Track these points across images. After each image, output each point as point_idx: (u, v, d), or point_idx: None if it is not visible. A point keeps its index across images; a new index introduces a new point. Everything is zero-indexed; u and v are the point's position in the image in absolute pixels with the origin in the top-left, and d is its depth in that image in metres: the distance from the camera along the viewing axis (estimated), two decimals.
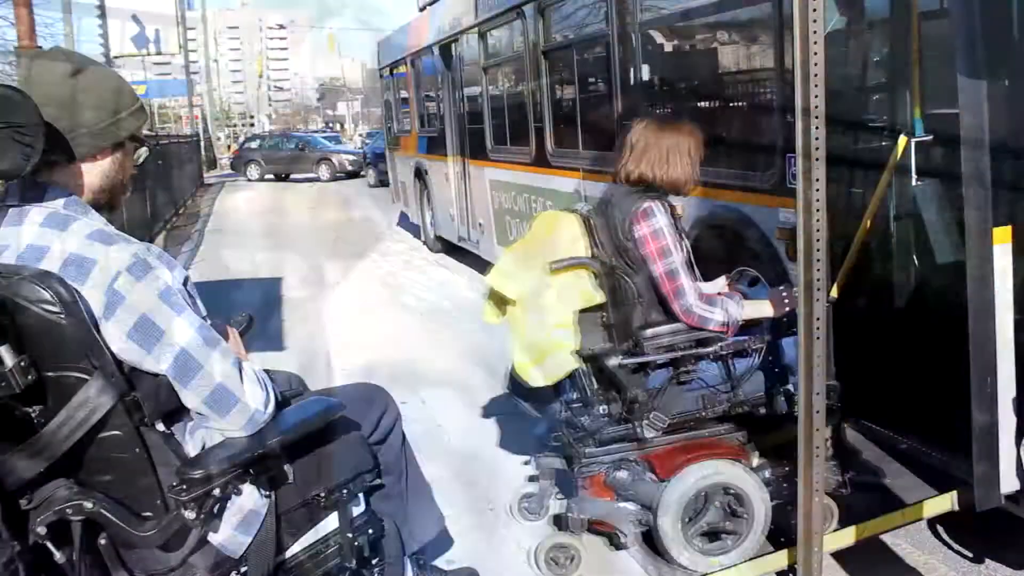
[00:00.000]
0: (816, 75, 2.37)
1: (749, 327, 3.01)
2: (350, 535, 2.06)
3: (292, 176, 28.11)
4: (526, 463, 3.74)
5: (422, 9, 10.52)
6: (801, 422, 2.57)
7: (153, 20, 27.02)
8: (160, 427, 1.80)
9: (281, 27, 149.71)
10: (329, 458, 2.02)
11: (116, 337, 1.72)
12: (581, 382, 2.96)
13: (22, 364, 1.59)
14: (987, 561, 3.11)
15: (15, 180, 1.73)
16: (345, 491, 2.05)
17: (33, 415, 1.68)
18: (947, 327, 3.05)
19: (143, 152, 1.91)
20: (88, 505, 1.70)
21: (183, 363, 1.74)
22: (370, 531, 2.12)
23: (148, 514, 1.75)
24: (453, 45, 9.09)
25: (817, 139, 2.40)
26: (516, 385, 3.08)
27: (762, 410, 3.01)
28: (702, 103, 5.16)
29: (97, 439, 1.70)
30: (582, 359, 2.92)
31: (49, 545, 1.67)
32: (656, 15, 5.18)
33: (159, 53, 28.89)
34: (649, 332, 2.91)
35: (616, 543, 3.17)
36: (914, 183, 3.70)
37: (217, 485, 1.74)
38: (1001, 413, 2.64)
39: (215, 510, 1.79)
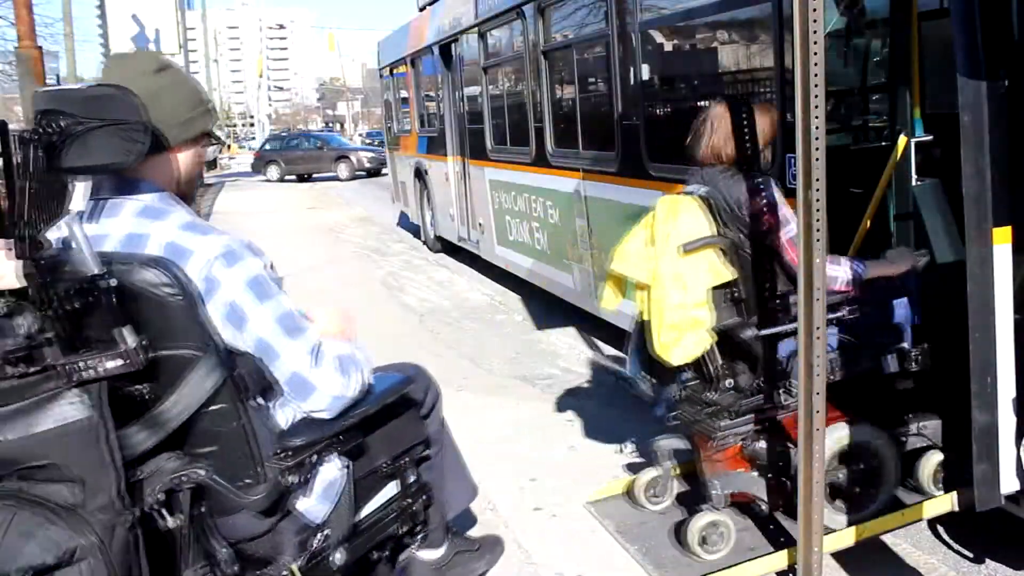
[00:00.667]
0: (816, 75, 2.37)
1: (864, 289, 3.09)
2: (408, 501, 2.22)
3: (315, 176, 27.93)
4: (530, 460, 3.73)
5: (422, 9, 10.52)
6: (801, 422, 2.57)
7: (153, 20, 27.04)
8: (259, 401, 1.91)
9: (281, 27, 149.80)
10: (392, 430, 2.17)
11: (214, 319, 1.85)
12: (706, 358, 3.00)
13: (143, 343, 1.69)
14: (987, 561, 3.11)
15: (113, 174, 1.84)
16: (405, 460, 2.21)
17: (144, 392, 1.78)
18: (947, 327, 3.06)
19: (215, 148, 1.99)
20: (200, 473, 1.80)
21: (264, 350, 1.87)
22: (423, 498, 2.27)
23: (249, 482, 1.87)
24: (453, 45, 9.09)
25: (817, 139, 2.40)
26: (638, 366, 3.22)
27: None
28: (702, 103, 5.16)
29: (204, 412, 1.81)
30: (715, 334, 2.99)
31: (163, 512, 1.77)
32: (656, 15, 5.18)
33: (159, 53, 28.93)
34: (780, 302, 2.99)
35: (755, 512, 3.23)
36: (914, 183, 3.70)
37: (314, 452, 1.90)
38: (1001, 413, 2.64)
39: (309, 478, 1.94)
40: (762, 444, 3.07)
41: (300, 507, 1.98)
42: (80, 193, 1.73)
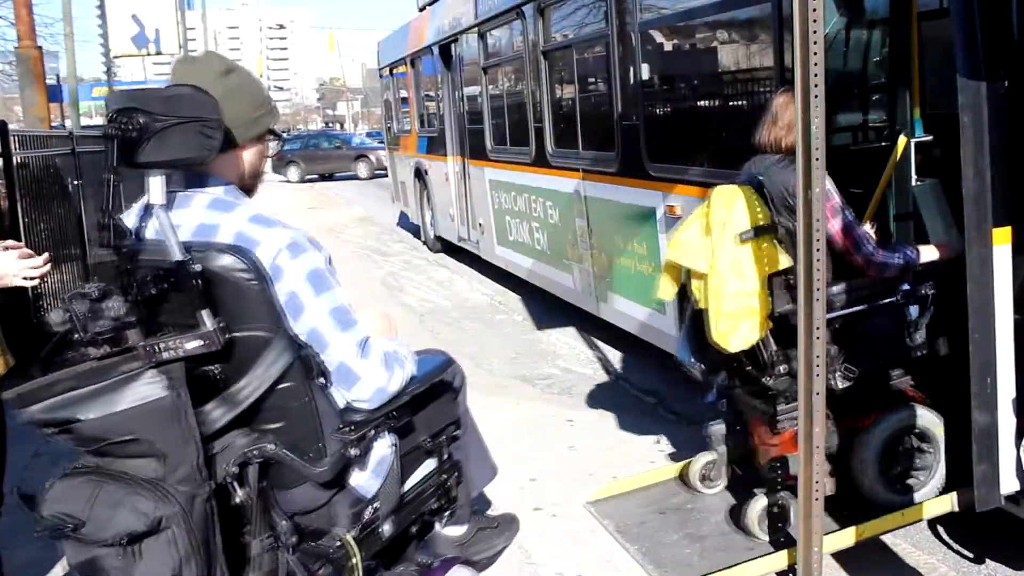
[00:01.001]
0: (816, 75, 2.37)
1: (916, 276, 3.13)
2: (443, 477, 2.35)
3: (336, 175, 27.75)
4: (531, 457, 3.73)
5: (422, 9, 10.52)
6: (801, 422, 2.57)
7: (153, 20, 27.03)
8: (321, 380, 1.99)
9: (281, 27, 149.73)
10: (431, 409, 2.29)
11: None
12: (762, 344, 3.04)
13: (220, 325, 1.80)
14: (987, 561, 3.11)
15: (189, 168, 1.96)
16: (442, 439, 2.33)
17: (216, 372, 1.87)
18: (947, 327, 3.06)
19: (276, 145, 2.16)
20: (270, 448, 1.90)
21: (316, 338, 1.96)
22: (455, 474, 2.39)
23: (312, 456, 1.96)
24: (453, 45, 9.09)
25: (817, 139, 2.40)
26: (689, 353, 3.28)
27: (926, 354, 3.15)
28: (702, 103, 5.16)
29: (274, 390, 1.91)
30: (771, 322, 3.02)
31: (235, 484, 1.87)
32: (656, 15, 5.18)
33: (159, 53, 28.87)
34: (836, 288, 3.01)
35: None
36: (914, 183, 3.70)
37: (372, 427, 2.01)
38: (1001, 413, 2.64)
39: (367, 452, 2.06)
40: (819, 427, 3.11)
41: (354, 482, 2.08)
42: (157, 186, 1.84)
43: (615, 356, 6.06)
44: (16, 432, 2.77)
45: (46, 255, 2.39)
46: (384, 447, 2.14)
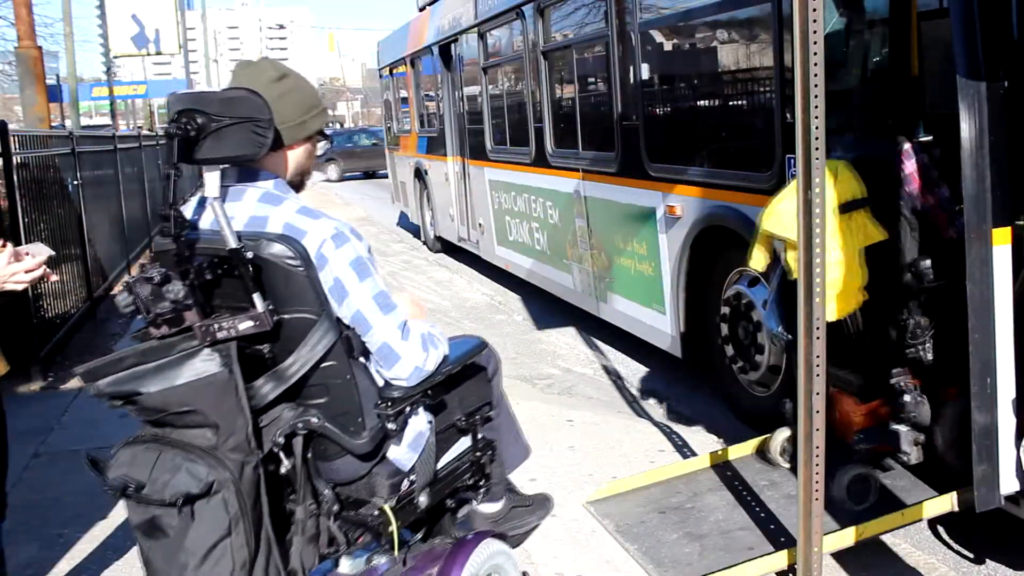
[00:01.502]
0: (816, 75, 2.37)
1: None
2: (477, 454, 2.48)
3: (378, 172, 26.96)
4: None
5: (422, 9, 10.52)
6: (801, 422, 2.57)
7: (153, 20, 27.04)
8: (363, 360, 2.15)
9: (281, 27, 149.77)
10: (465, 389, 2.43)
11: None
12: (854, 315, 3.09)
13: (270, 308, 1.95)
14: (987, 561, 3.11)
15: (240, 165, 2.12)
16: (476, 418, 2.46)
17: (265, 351, 2.03)
18: (947, 327, 3.05)
19: (325, 144, 2.34)
20: (315, 421, 2.06)
21: (359, 321, 2.10)
22: (489, 452, 2.52)
23: (353, 429, 2.12)
24: (453, 45, 9.09)
25: (817, 139, 2.40)
26: (778, 322, 3.36)
27: None
28: (702, 103, 5.16)
29: (319, 368, 2.06)
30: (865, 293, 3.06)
31: (282, 454, 2.04)
32: (656, 15, 5.18)
33: (159, 53, 28.89)
34: (925, 262, 3.06)
35: (884, 466, 3.29)
36: None
37: (408, 404, 2.17)
38: (1001, 413, 2.64)
39: (404, 426, 2.21)
40: (908, 398, 3.14)
41: (392, 455, 2.23)
42: (213, 181, 1.97)
43: (615, 356, 6.07)
44: (16, 432, 2.77)
45: (43, 257, 2.28)
46: (421, 423, 2.27)
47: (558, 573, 3.12)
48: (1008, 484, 2.69)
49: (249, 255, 1.95)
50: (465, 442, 2.48)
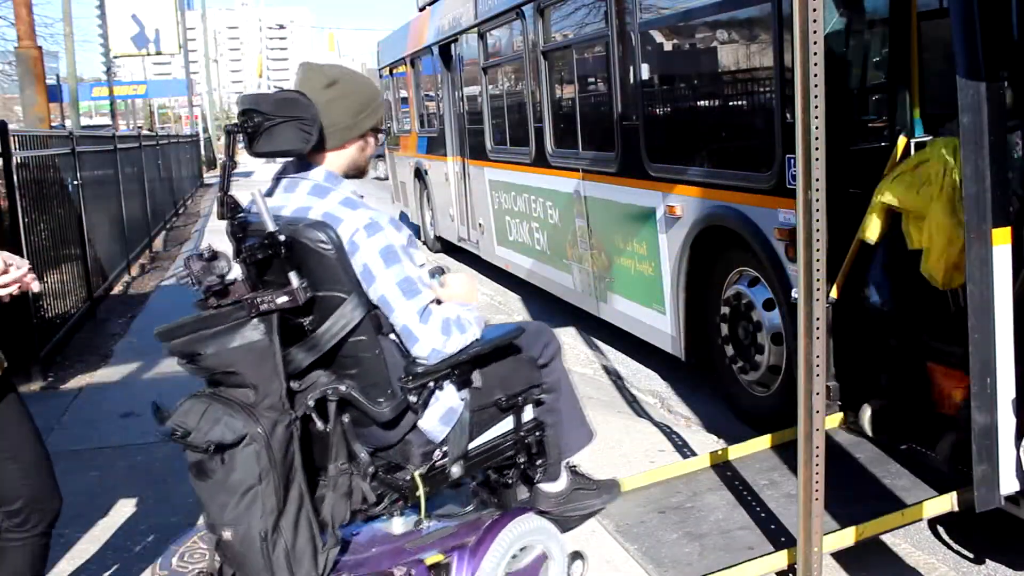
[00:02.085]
0: (816, 75, 2.37)
1: None
2: (522, 434, 2.61)
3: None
4: None
5: (422, 9, 10.52)
6: (801, 422, 2.57)
7: (153, 20, 27.04)
8: (392, 336, 2.34)
9: (281, 27, 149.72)
10: (508, 371, 2.57)
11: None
12: (950, 290, 3.21)
13: (304, 285, 2.19)
14: (987, 561, 3.11)
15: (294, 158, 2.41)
16: (520, 399, 2.57)
17: (305, 324, 2.28)
18: (947, 328, 3.06)
19: (375, 142, 2.53)
20: (343, 388, 2.28)
21: (384, 303, 2.30)
22: (536, 434, 2.64)
23: (381, 400, 2.31)
24: (453, 45, 9.09)
25: (817, 139, 2.40)
26: (887, 294, 3.56)
27: None
28: (702, 103, 5.16)
29: (350, 341, 2.27)
30: None
31: (314, 415, 2.26)
32: (656, 15, 5.18)
33: (159, 53, 28.88)
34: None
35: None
36: None
37: (431, 379, 2.33)
38: (1001, 413, 2.64)
39: (428, 400, 2.38)
40: None
41: (424, 426, 2.40)
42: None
43: (615, 356, 6.07)
44: None
45: (24, 269, 2.23)
46: (452, 399, 2.42)
47: None
48: (1008, 484, 2.69)
49: (282, 238, 2.18)
50: (509, 422, 2.61)
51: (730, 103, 4.85)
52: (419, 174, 11.11)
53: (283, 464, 2.15)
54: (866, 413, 3.64)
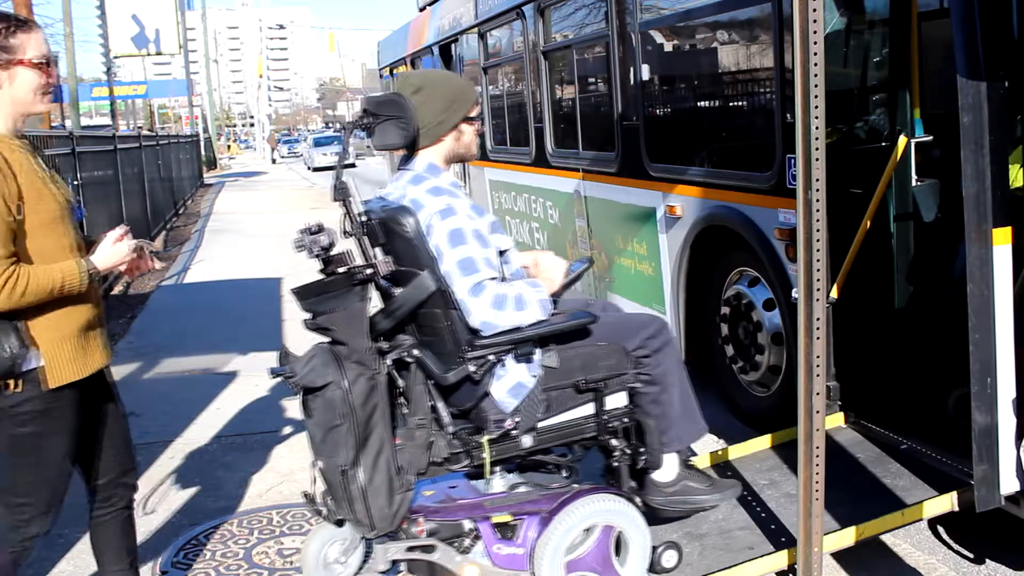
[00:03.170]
0: (816, 75, 2.37)
1: None
2: (604, 419, 2.79)
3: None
4: None
5: (422, 9, 10.51)
6: (801, 422, 2.57)
7: (153, 20, 27.05)
8: (455, 311, 2.60)
9: (281, 27, 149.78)
10: (591, 356, 2.76)
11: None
12: None
13: (386, 260, 2.55)
14: (987, 561, 3.11)
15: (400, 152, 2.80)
16: (603, 384, 2.75)
17: (395, 293, 2.65)
18: (947, 328, 3.05)
19: (471, 130, 2.81)
20: (415, 352, 2.61)
21: (448, 279, 2.59)
22: (625, 420, 2.82)
23: (449, 366, 2.61)
24: (453, 45, 9.09)
25: (817, 139, 2.40)
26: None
27: None
28: (702, 103, 5.16)
29: (424, 312, 2.63)
30: None
31: (394, 373, 2.60)
32: (656, 15, 5.18)
33: (159, 53, 28.89)
34: None
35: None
36: (914, 183, 3.70)
37: (492, 352, 2.60)
38: (1001, 414, 2.64)
39: (492, 371, 2.63)
40: None
41: (495, 395, 2.66)
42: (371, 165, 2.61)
43: None
44: None
45: (121, 231, 2.55)
46: (522, 375, 2.66)
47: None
48: (1008, 484, 2.69)
49: (363, 219, 2.63)
50: (592, 405, 2.78)
51: (730, 103, 4.85)
52: None
53: (363, 410, 2.46)
54: (951, 400, 3.55)
